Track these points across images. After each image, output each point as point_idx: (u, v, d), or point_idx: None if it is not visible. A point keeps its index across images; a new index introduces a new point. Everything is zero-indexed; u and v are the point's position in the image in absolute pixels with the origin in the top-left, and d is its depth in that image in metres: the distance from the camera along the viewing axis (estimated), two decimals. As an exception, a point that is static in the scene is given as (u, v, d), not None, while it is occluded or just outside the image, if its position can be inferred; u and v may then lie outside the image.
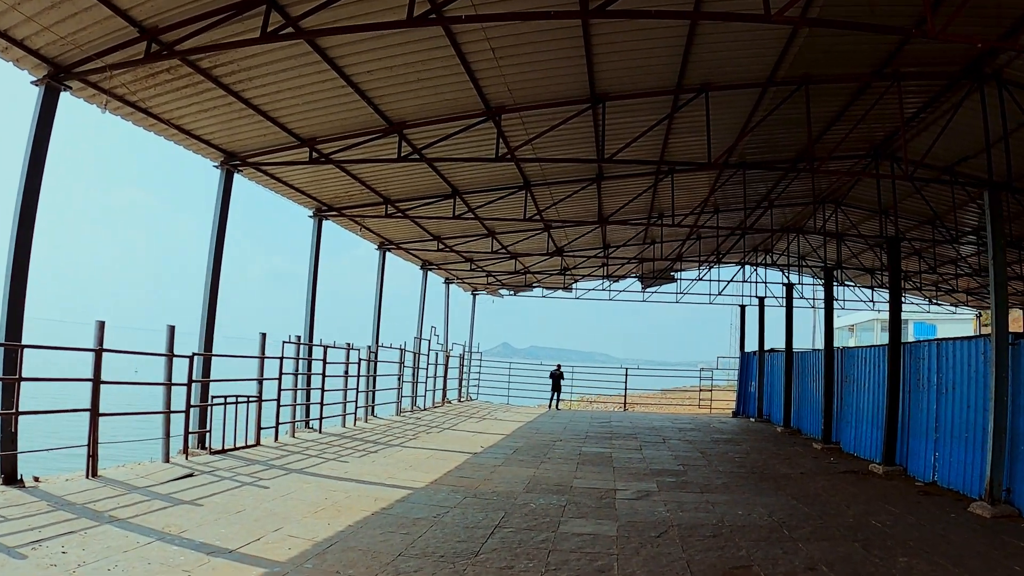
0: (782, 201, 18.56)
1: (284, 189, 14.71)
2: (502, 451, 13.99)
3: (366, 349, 17.93)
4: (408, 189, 15.46)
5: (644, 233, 20.90)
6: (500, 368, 30.54)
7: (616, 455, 14.02)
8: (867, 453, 14.49)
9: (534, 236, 19.72)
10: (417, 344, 22.48)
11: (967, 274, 22.85)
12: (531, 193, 15.54)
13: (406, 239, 20.08)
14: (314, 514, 8.21)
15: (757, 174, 15.66)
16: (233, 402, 12.42)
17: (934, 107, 12.15)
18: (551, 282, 28.36)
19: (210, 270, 12.49)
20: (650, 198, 16.73)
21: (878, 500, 10.27)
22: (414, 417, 19.80)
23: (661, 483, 11.03)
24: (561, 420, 21.50)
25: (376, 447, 13.75)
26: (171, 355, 10.98)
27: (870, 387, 14.83)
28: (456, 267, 24.55)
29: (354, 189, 14.96)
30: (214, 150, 12.46)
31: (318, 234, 16.12)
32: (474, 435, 16.55)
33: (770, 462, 13.81)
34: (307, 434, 14.79)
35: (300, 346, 14.58)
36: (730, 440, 17.36)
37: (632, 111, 11.76)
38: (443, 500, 9.20)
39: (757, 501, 9.82)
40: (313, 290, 15.99)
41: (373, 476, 10.73)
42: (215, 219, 12.66)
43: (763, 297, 24.79)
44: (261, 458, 11.81)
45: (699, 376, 28.71)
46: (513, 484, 10.49)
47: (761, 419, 22.97)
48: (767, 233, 22.64)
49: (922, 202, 16.63)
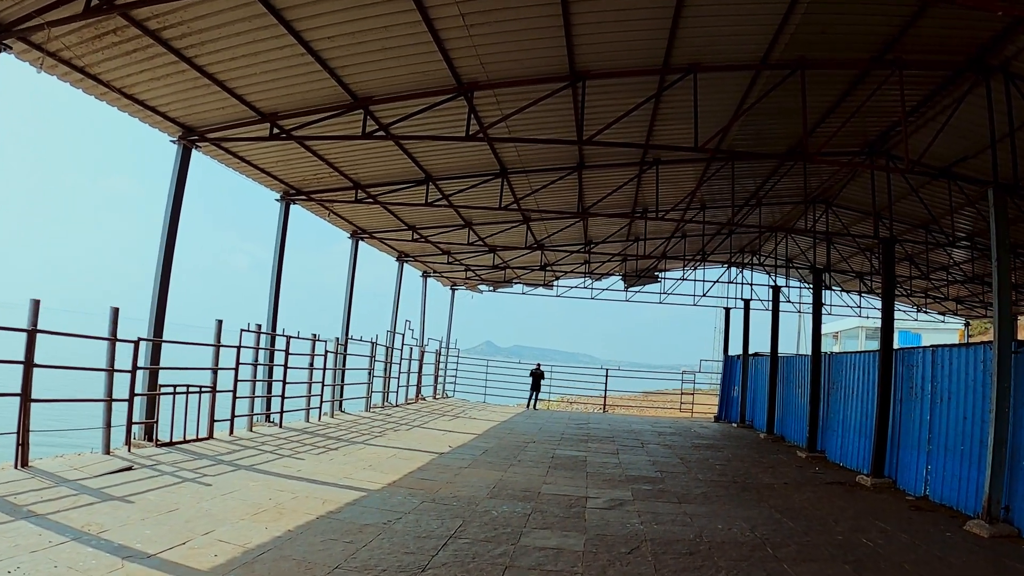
0: (771, 199, 17.90)
1: (249, 170, 13.87)
2: (470, 452, 13.24)
3: (333, 341, 17.07)
4: (379, 173, 14.63)
5: (628, 229, 20.17)
6: (478, 365, 29.76)
7: (591, 459, 13.31)
8: (854, 463, 13.90)
9: (513, 228, 18.92)
10: (390, 338, 21.64)
11: (959, 281, 22.32)
12: (508, 181, 14.77)
13: (380, 228, 19.22)
14: (253, 516, 7.45)
15: (746, 168, 14.97)
16: (184, 392, 11.62)
17: (934, 102, 11.53)
18: (532, 278, 27.56)
19: (162, 250, 11.64)
20: (634, 191, 16.01)
21: (868, 515, 9.62)
22: (384, 414, 18.99)
23: (636, 491, 10.32)
24: (537, 421, 20.78)
25: (337, 444, 12.96)
26: (114, 339, 10.15)
27: (859, 394, 14.23)
28: (433, 260, 23.70)
29: (323, 172, 14.13)
30: (171, 123, 11.62)
31: (284, 218, 15.27)
32: (444, 434, 15.79)
33: (752, 471, 13.14)
34: (266, 428, 13.98)
35: (260, 335, 13.74)
36: (711, 446, 16.69)
37: (615, 92, 10.97)
38: (398, 504, 8.45)
39: (738, 514, 9.13)
40: (278, 277, 15.13)
41: (327, 475, 9.96)
42: (169, 196, 11.81)
43: (748, 299, 24.20)
44: (211, 452, 11.02)
45: (681, 379, 28.06)
46: (477, 488, 9.74)
47: (744, 425, 22.38)
48: (755, 233, 22.06)
49: (916, 205, 16.04)
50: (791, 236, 21.38)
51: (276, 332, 14.73)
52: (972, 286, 24.51)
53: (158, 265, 11.63)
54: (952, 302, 27.75)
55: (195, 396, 11.86)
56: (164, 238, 11.67)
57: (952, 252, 20.76)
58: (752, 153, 11.29)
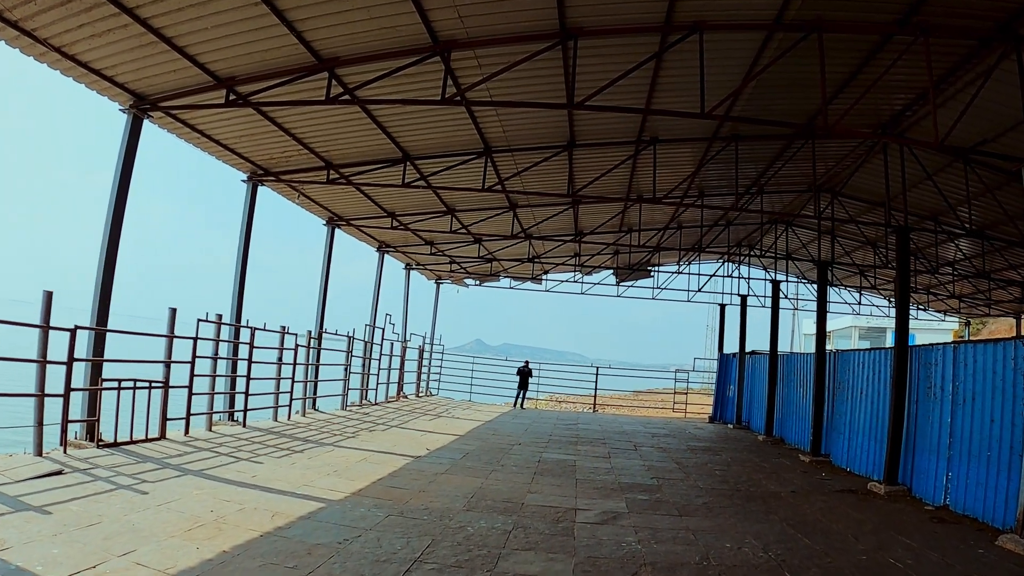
0: (773, 188, 16.87)
1: (210, 145, 12.70)
2: (449, 455, 12.14)
3: (306, 335, 15.91)
4: (353, 151, 13.48)
5: (621, 218, 19.06)
6: (464, 363, 28.57)
7: (580, 464, 12.24)
8: (863, 468, 12.91)
9: (498, 215, 17.81)
10: (369, 332, 20.48)
11: (965, 276, 21.33)
12: (492, 160, 13.63)
13: (357, 214, 18.04)
14: (186, 533, 6.37)
15: (749, 152, 13.91)
16: (130, 387, 10.49)
17: (955, 77, 10.52)
18: (520, 272, 26.39)
19: (107, 230, 10.49)
20: (628, 175, 14.92)
21: (887, 528, 8.60)
22: (361, 412, 17.85)
23: (631, 502, 9.25)
24: (524, 420, 19.69)
25: (304, 446, 11.84)
26: (46, 327, 9.00)
27: (868, 395, 13.24)
28: (416, 251, 22.48)
29: (291, 149, 12.97)
30: (120, 90, 10.47)
31: (251, 201, 14.09)
32: (423, 435, 14.68)
33: (755, 477, 12.11)
34: (228, 428, 12.85)
35: (221, 327, 12.58)
36: (708, 449, 15.66)
37: (610, 52, 9.82)
38: (359, 519, 7.34)
39: (747, 529, 8.08)
40: (243, 265, 13.95)
41: (285, 483, 8.85)
42: (117, 169, 10.66)
43: (745, 295, 23.17)
44: (159, 455, 9.90)
45: (674, 378, 27.02)
46: (452, 499, 8.65)
47: (740, 426, 21.37)
48: (754, 225, 21.04)
49: (926, 195, 15.07)
50: (792, 229, 20.37)
51: (240, 323, 13.58)
52: (978, 282, 23.59)
53: (103, 246, 10.48)
54: (955, 300, 26.78)
55: (146, 392, 10.74)
56: (110, 216, 10.53)
57: (961, 246, 19.81)
58: (765, 121, 10.15)
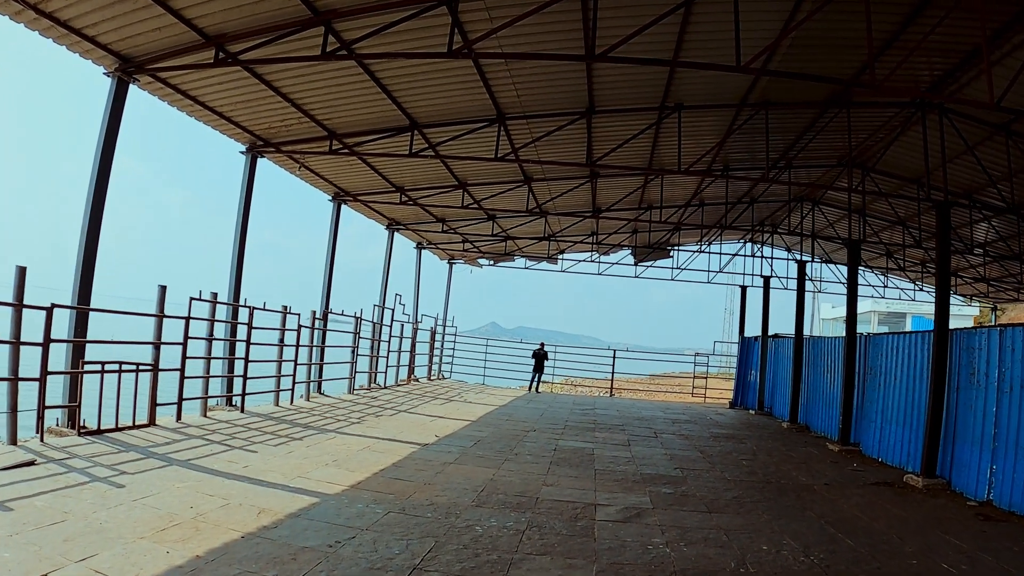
0: (802, 162, 15.92)
1: (205, 114, 11.95)
2: (460, 443, 11.44)
3: (310, 315, 15.21)
4: (356, 119, 12.68)
5: (641, 193, 18.17)
6: (478, 345, 27.84)
7: (599, 452, 11.52)
8: (896, 459, 12.12)
9: (513, 190, 17.01)
10: (379, 314, 19.77)
11: (1002, 258, 20.31)
12: (505, 128, 12.82)
13: (364, 189, 17.26)
14: (159, 533, 5.70)
15: (780, 120, 12.98)
16: (115, 370, 9.83)
17: (1003, 39, 9.60)
18: (535, 251, 25.55)
19: (90, 201, 9.78)
20: (650, 147, 14.04)
21: (933, 527, 7.84)
22: (369, 396, 17.19)
23: (655, 495, 8.51)
24: (539, 405, 18.98)
25: (304, 433, 11.17)
26: (20, 304, 8.34)
27: (903, 381, 12.41)
28: (427, 229, 21.69)
29: (291, 116, 12.19)
30: (103, 52, 9.72)
31: (251, 173, 13.32)
32: (432, 420, 14.00)
33: (784, 467, 11.35)
34: (225, 413, 12.21)
35: (216, 306, 11.88)
36: (731, 436, 14.88)
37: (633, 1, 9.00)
38: (355, 516, 6.65)
39: (783, 527, 7.33)
40: (241, 241, 13.22)
41: (278, 474, 8.18)
42: (101, 134, 9.95)
43: (768, 276, 22.27)
44: (144, 443, 9.26)
45: (693, 362, 26.19)
46: (461, 492, 7.94)
47: (762, 412, 20.55)
48: (780, 203, 20.12)
49: (961, 170, 14.13)
50: (818, 208, 19.43)
51: (239, 303, 12.90)
52: (1009, 264, 22.57)
53: (84, 220, 9.78)
54: (983, 283, 25.75)
55: (133, 376, 10.09)
56: (92, 186, 9.82)
57: (995, 225, 18.81)
58: (806, 76, 9.22)
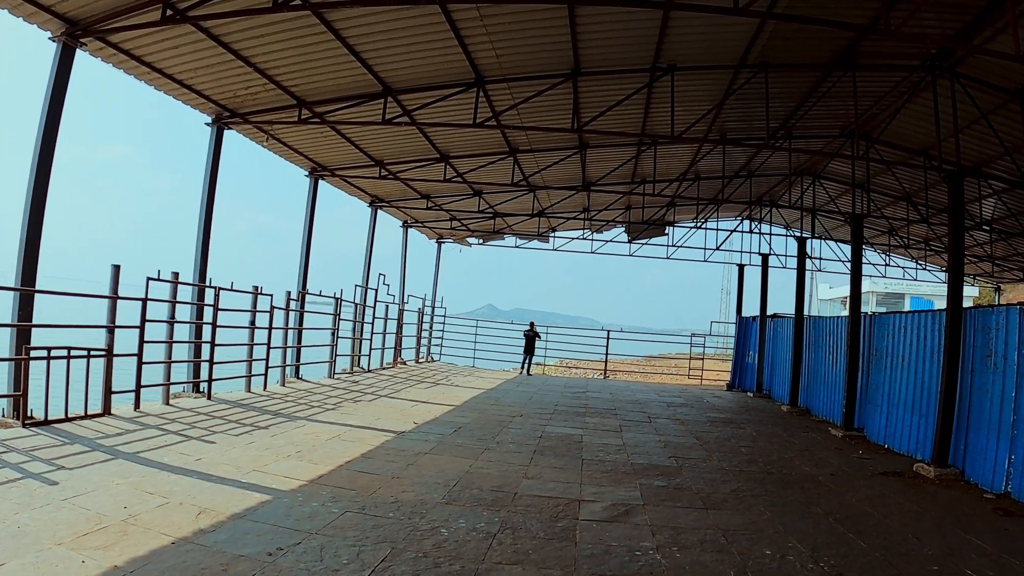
0: (802, 131, 15.04)
1: (165, 83, 11.06)
2: (439, 430, 10.70)
3: (284, 296, 14.37)
4: (325, 85, 11.81)
5: (634, 164, 17.25)
6: (468, 326, 27.00)
7: (588, 440, 10.78)
8: (904, 446, 11.44)
9: (497, 162, 16.17)
10: (362, 294, 18.96)
11: (1010, 235, 19.53)
12: (484, 92, 11.99)
13: (342, 163, 16.39)
14: (80, 539, 4.98)
15: (780, 84, 12.10)
16: (63, 356, 9.05)
17: None
18: (525, 229, 24.67)
19: (33, 173, 8.98)
20: (642, 112, 13.16)
21: (950, 524, 7.14)
22: (350, 381, 16.42)
23: (647, 489, 7.78)
24: (529, 388, 18.25)
25: (271, 421, 10.42)
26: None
27: (912, 363, 11.68)
28: (412, 206, 20.83)
29: (256, 84, 11.32)
30: (48, 15, 8.88)
31: (217, 145, 12.46)
32: (414, 406, 13.25)
33: (786, 455, 10.64)
34: (190, 401, 11.44)
35: (178, 286, 11.05)
36: (729, 421, 14.17)
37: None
38: (306, 517, 5.90)
39: (788, 527, 6.61)
40: (207, 217, 12.37)
41: (232, 468, 7.43)
42: (46, 102, 9.13)
43: (767, 254, 21.48)
44: (94, 434, 8.50)
45: (690, 343, 25.45)
46: (430, 487, 7.19)
47: (760, 394, 19.85)
48: (779, 176, 19.30)
49: (970, 141, 13.31)
50: (819, 182, 18.61)
51: (204, 283, 12.09)
52: (1017, 242, 21.84)
53: (28, 194, 8.96)
54: (988, 263, 24.99)
55: (85, 362, 9.33)
56: (36, 158, 9.00)
57: (1005, 201, 18.02)
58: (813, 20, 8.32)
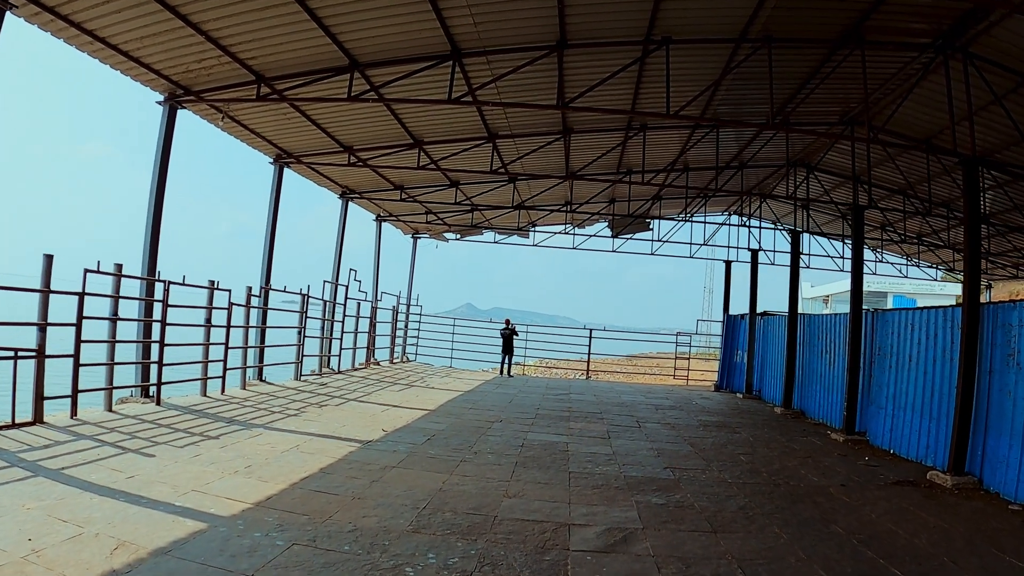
0: (799, 118, 14.15)
1: (109, 54, 9.84)
2: (410, 438, 9.70)
3: (245, 292, 13.25)
4: (285, 57, 10.69)
5: (621, 152, 16.23)
6: (446, 324, 25.86)
7: (574, 448, 9.85)
8: (912, 451, 10.67)
9: (475, 148, 15.16)
10: (331, 291, 17.86)
11: (1015, 230, 18.84)
12: (461, 66, 10.99)
13: (308, 149, 15.24)
14: (-47, 589, 3.95)
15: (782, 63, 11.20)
16: (-17, 358, 7.98)
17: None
18: (504, 223, 23.59)
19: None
20: (632, 92, 12.16)
21: (983, 542, 6.37)
22: (318, 383, 15.33)
23: (645, 508, 6.85)
24: (509, 390, 17.29)
25: (224, 429, 9.37)
26: None
27: (920, 363, 10.89)
28: (385, 197, 19.68)
29: (210, 56, 10.19)
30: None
31: (169, 125, 11.30)
32: (384, 411, 12.24)
33: (789, 463, 9.78)
34: (136, 407, 10.34)
35: (122, 279, 9.94)
36: (723, 425, 13.29)
37: None
38: (244, 553, 4.90)
39: (809, 552, 5.73)
40: (157, 203, 11.25)
41: (168, 487, 6.40)
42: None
43: (757, 249, 20.72)
44: (18, 446, 7.48)
45: (675, 342, 24.57)
46: (397, 510, 6.21)
47: (750, 395, 19.03)
48: (772, 167, 18.48)
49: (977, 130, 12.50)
50: (814, 174, 17.77)
51: (154, 277, 10.98)
52: (1014, 237, 21.22)
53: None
54: (983, 259, 24.36)
55: (15, 365, 8.27)
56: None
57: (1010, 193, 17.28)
58: None
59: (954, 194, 17.81)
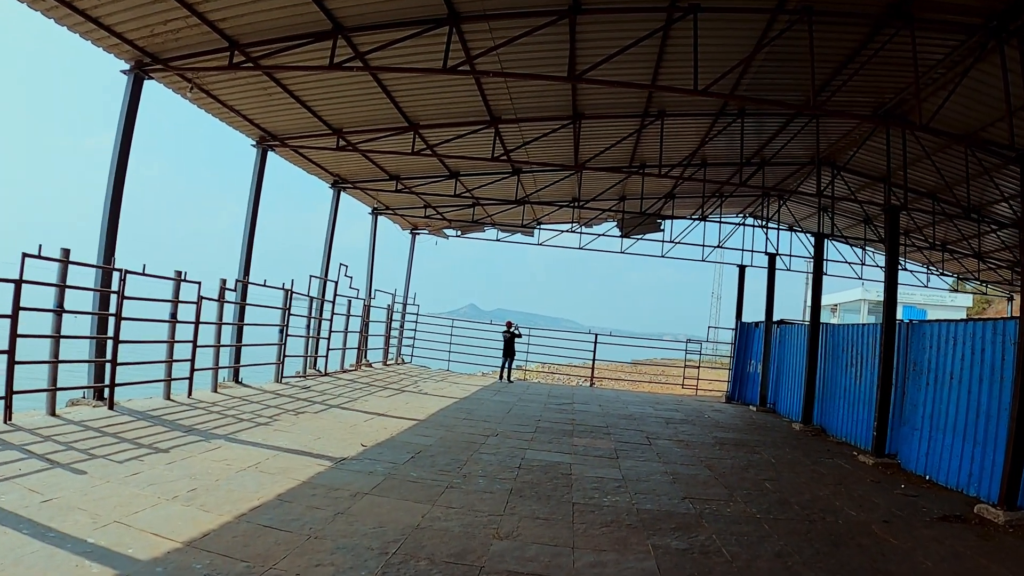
0: (835, 105, 12.87)
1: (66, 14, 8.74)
2: (392, 456, 8.53)
3: (218, 285, 12.06)
4: (261, 20, 9.40)
5: (635, 141, 15.02)
6: (444, 325, 24.58)
7: (579, 471, 8.67)
8: (952, 480, 9.51)
9: (476, 133, 13.92)
10: (319, 287, 16.68)
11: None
12: (459, 32, 9.76)
13: (294, 131, 14.03)
14: None
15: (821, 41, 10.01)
16: None
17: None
18: (508, 219, 22.32)
19: None
20: (652, 67, 10.99)
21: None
22: (300, 386, 14.13)
23: (665, 556, 5.66)
24: (508, 397, 16.11)
25: (178, 440, 8.21)
26: None
27: (964, 381, 9.72)
28: (381, 188, 18.36)
29: (175, 17, 8.84)
30: None
31: (134, 96, 10.11)
32: (368, 420, 11.07)
33: (819, 493, 8.60)
34: (85, 411, 9.18)
35: (68, 265, 8.77)
36: (740, 443, 12.10)
37: None
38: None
39: (874, 627, 4.56)
40: (117, 182, 10.09)
41: (87, 517, 5.26)
42: None
43: (774, 254, 19.52)
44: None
45: (685, 349, 23.33)
46: (360, 557, 5.04)
47: (764, 408, 17.84)
48: (795, 166, 17.32)
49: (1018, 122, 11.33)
50: (840, 175, 16.55)
51: (110, 265, 9.81)
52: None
53: None
54: (1007, 269, 23.13)
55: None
56: None
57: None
58: None
59: (987, 197, 16.61)
